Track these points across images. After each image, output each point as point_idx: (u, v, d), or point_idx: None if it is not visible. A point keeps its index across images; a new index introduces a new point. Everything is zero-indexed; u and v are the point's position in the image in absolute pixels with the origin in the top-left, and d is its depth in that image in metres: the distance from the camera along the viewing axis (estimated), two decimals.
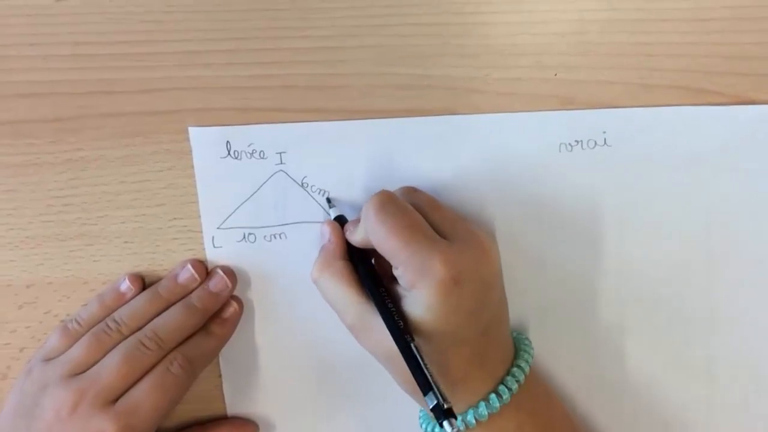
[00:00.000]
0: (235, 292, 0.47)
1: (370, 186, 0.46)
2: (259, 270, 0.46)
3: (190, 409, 0.49)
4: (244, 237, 0.46)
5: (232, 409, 0.49)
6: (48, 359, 0.44)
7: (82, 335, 0.44)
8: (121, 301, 0.45)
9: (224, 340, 0.46)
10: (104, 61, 0.44)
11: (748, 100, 0.44)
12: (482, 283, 0.39)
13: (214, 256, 0.46)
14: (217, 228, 0.46)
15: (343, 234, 0.43)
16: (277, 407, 0.49)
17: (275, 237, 0.46)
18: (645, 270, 0.46)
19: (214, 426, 0.47)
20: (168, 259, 0.47)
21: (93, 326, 0.44)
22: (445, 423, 0.35)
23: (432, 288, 0.38)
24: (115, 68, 0.45)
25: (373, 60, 0.44)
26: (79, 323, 0.45)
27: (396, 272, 0.40)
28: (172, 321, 0.44)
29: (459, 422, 0.39)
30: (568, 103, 0.44)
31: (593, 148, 0.45)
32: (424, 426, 0.42)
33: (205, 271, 0.46)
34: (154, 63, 0.44)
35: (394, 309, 0.39)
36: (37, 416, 0.41)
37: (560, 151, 0.45)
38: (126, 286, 0.46)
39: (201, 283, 0.46)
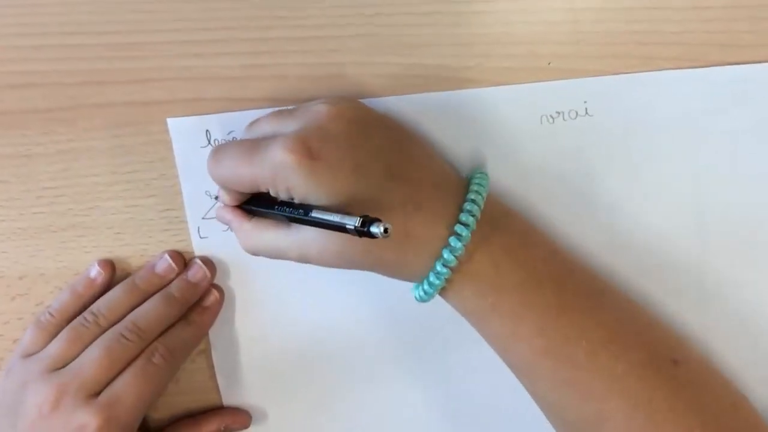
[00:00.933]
0: (224, 283, 0.47)
1: None
2: (246, 259, 0.46)
3: (186, 401, 0.49)
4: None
5: (227, 400, 0.49)
6: (27, 355, 0.43)
7: (57, 327, 0.44)
8: (93, 287, 0.45)
9: (205, 328, 0.46)
10: (95, 52, 0.44)
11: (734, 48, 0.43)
12: (343, 138, 0.38)
13: (201, 246, 0.46)
14: (202, 218, 0.46)
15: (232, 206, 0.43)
16: (270, 396, 0.49)
17: None
18: (634, 239, 0.45)
19: (206, 417, 0.47)
20: (160, 250, 0.47)
21: (66, 316, 0.44)
22: (373, 227, 0.33)
23: (299, 178, 0.37)
24: (105, 58, 0.44)
25: (366, 49, 0.44)
26: (51, 314, 0.44)
27: (273, 193, 0.39)
28: (152, 312, 0.43)
29: (432, 276, 0.39)
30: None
31: (575, 118, 0.44)
32: (417, 295, 0.40)
33: (183, 261, 0.46)
34: (144, 53, 0.44)
35: (302, 211, 0.38)
36: (20, 413, 0.41)
37: (542, 123, 0.44)
38: (96, 271, 0.45)
39: (179, 274, 0.45)
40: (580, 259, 0.45)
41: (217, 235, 0.46)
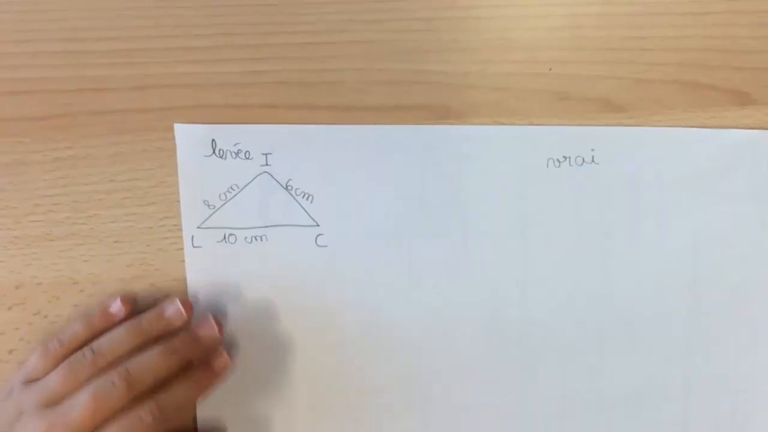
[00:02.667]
0: (213, 294, 0.46)
1: (355, 191, 0.45)
2: (238, 271, 0.46)
3: None
4: (225, 238, 0.46)
5: (201, 414, 0.48)
6: (28, 381, 0.43)
7: (62, 356, 0.43)
8: (109, 323, 0.44)
9: (206, 390, 0.44)
10: (93, 58, 0.44)
11: (742, 95, 0.44)
12: None
13: (193, 255, 0.46)
14: (197, 227, 0.46)
15: None
16: (253, 412, 0.48)
17: (256, 239, 0.46)
18: (627, 289, 0.46)
19: None
20: (159, 259, 0.46)
21: (74, 346, 0.43)
22: None
23: None
24: (104, 65, 0.44)
25: (366, 56, 0.44)
26: (60, 343, 0.43)
27: None
28: (148, 363, 0.42)
29: None
30: (562, 98, 0.44)
31: (581, 165, 0.45)
32: None
33: (192, 309, 0.45)
34: (143, 59, 0.44)
35: None
36: None
37: (548, 167, 0.45)
38: (117, 307, 0.44)
39: (187, 321, 0.44)
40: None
41: (211, 246, 0.46)
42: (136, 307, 0.45)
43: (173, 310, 0.44)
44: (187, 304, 0.44)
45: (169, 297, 0.45)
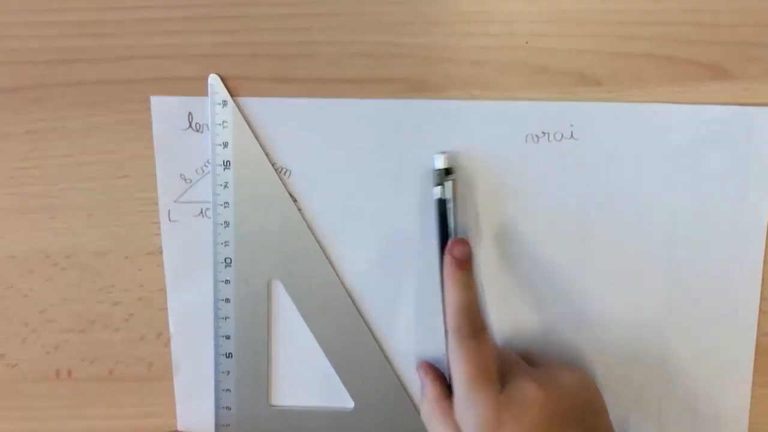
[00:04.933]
0: (188, 263, 0.46)
1: (333, 165, 0.45)
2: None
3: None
4: (202, 212, 0.46)
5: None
6: None
7: None
8: None
9: None
10: (65, 29, 0.43)
11: (719, 69, 0.44)
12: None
13: (170, 229, 0.46)
14: (174, 201, 0.45)
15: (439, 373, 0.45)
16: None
17: None
18: (605, 265, 0.46)
19: None
20: (133, 232, 0.46)
21: None
22: None
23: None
24: (76, 36, 0.43)
25: (342, 28, 0.43)
26: None
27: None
28: None
29: None
30: (539, 72, 0.44)
31: (560, 140, 0.44)
32: None
33: None
34: (116, 31, 0.43)
35: None
36: None
37: (526, 142, 0.44)
38: None
39: None
40: None
41: (188, 220, 0.46)
42: None
43: None
44: None
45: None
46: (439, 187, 0.43)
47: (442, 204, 0.44)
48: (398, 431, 0.48)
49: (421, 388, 0.45)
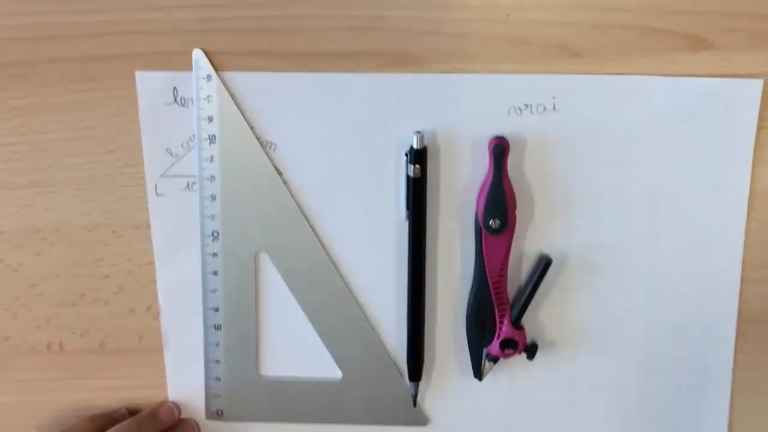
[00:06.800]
0: (175, 236, 0.46)
1: (318, 140, 0.45)
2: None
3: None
4: (188, 186, 0.46)
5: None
6: None
7: None
8: (111, 422, 0.47)
9: None
10: (49, 5, 0.43)
11: (698, 39, 0.44)
12: None
13: (157, 203, 0.46)
14: (161, 176, 0.46)
15: None
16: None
17: None
18: (587, 238, 0.46)
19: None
20: (120, 207, 0.47)
21: None
22: None
23: None
24: (60, 12, 0.44)
25: (326, 2, 0.43)
26: None
27: None
28: None
29: None
30: (521, 44, 0.44)
31: (542, 113, 0.45)
32: None
33: (180, 411, 0.49)
34: (100, 6, 0.43)
35: None
36: None
37: (509, 114, 0.45)
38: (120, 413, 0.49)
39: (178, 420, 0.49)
40: None
41: (175, 194, 0.46)
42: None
43: (166, 409, 0.48)
44: (176, 406, 0.49)
45: (159, 401, 0.49)
46: (411, 165, 0.44)
47: (413, 182, 0.44)
48: (386, 400, 0.49)
49: None
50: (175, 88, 0.45)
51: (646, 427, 0.49)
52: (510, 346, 0.46)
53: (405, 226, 0.46)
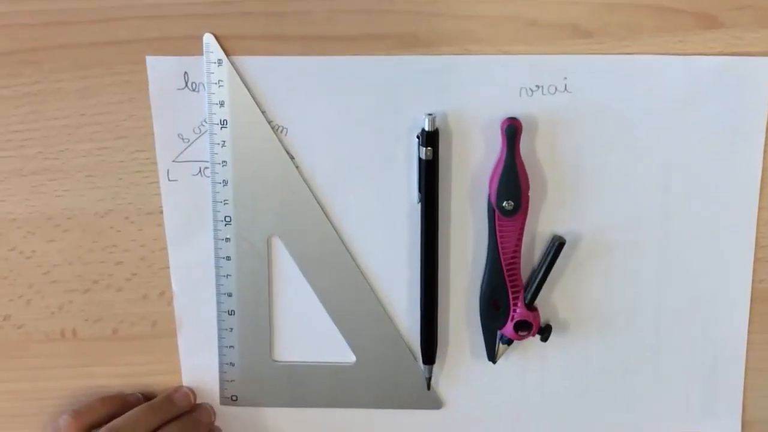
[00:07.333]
0: (188, 222, 0.47)
1: (330, 123, 0.45)
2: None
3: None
4: (200, 171, 0.46)
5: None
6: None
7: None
8: (124, 405, 0.48)
9: None
10: None
11: (709, 17, 0.44)
12: None
13: (169, 189, 0.46)
14: (173, 161, 0.46)
15: None
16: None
17: None
18: (599, 218, 0.46)
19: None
20: (132, 193, 0.47)
21: (89, 423, 0.46)
22: None
23: None
24: None
25: None
26: (75, 417, 0.46)
27: None
28: None
29: None
30: (531, 25, 0.44)
31: (554, 93, 0.45)
32: None
33: (195, 395, 0.49)
34: None
35: None
36: None
37: (521, 96, 0.45)
38: (135, 397, 0.49)
39: (193, 405, 0.49)
40: None
41: (187, 179, 0.46)
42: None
43: (181, 394, 0.48)
44: (192, 391, 0.49)
45: (175, 386, 0.49)
46: (423, 148, 0.44)
47: (425, 165, 0.44)
48: (400, 384, 0.49)
49: None
50: (186, 73, 0.45)
51: (659, 407, 0.49)
52: (524, 328, 0.46)
53: (417, 209, 0.46)
